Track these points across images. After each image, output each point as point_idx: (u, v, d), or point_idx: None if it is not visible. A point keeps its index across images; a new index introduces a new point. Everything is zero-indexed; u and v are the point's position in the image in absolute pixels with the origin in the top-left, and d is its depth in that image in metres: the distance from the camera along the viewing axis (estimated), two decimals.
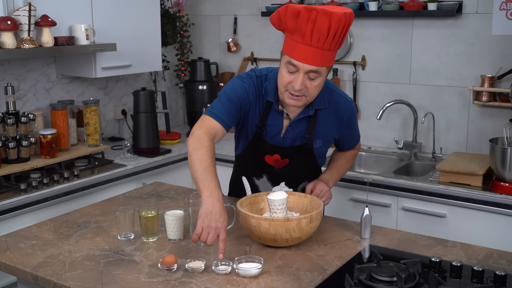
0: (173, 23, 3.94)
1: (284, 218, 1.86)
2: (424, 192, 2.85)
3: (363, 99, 3.65)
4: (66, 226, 2.18)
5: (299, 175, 2.28)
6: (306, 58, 1.92)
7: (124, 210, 2.03)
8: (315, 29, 1.88)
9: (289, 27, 1.95)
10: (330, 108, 2.16)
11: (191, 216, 2.00)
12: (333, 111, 2.18)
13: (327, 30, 1.88)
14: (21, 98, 3.26)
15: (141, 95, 3.42)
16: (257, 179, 2.29)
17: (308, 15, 1.88)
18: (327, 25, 1.87)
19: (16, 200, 2.61)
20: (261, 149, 2.21)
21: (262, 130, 2.17)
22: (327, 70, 2.00)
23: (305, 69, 1.94)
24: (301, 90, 1.98)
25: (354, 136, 2.35)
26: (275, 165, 2.24)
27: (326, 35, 1.89)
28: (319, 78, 1.97)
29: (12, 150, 2.87)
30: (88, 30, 3.07)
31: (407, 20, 3.41)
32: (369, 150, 3.58)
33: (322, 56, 1.93)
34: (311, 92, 2.00)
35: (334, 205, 2.96)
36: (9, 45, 2.70)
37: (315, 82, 1.98)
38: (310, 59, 1.92)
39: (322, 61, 1.94)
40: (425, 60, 3.40)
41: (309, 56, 1.92)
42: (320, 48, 1.91)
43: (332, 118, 2.18)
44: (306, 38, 1.91)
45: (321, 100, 2.13)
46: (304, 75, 1.95)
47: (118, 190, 2.99)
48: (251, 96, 2.13)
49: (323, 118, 2.17)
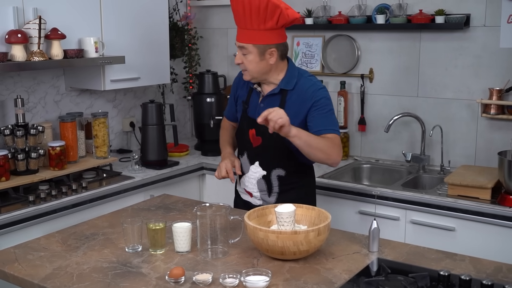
0: (182, 36, 3.97)
1: (291, 231, 1.85)
2: (433, 205, 2.83)
3: (370, 112, 3.65)
4: (74, 238, 2.19)
5: (272, 158, 2.45)
6: (237, 37, 2.39)
7: (132, 222, 2.04)
8: (235, 12, 2.37)
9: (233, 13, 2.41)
10: (298, 91, 2.41)
11: (199, 229, 2.00)
12: (301, 93, 2.40)
13: (242, 12, 2.32)
14: (30, 110, 3.28)
15: (149, 108, 3.44)
16: (241, 156, 2.56)
17: (232, 2, 2.37)
18: (242, 8, 2.31)
19: (24, 211, 2.62)
20: (245, 124, 2.53)
21: (246, 108, 2.54)
22: (255, 48, 2.35)
23: (237, 46, 2.40)
24: (241, 65, 2.42)
25: (325, 122, 2.36)
26: (253, 141, 2.49)
27: (243, 16, 2.32)
28: (249, 54, 2.36)
29: (21, 162, 2.89)
30: (97, 43, 3.09)
31: (414, 33, 3.42)
32: (377, 163, 3.57)
33: (247, 34, 2.35)
34: (247, 66, 2.39)
35: (342, 218, 2.95)
36: (19, 58, 2.73)
37: (248, 58, 2.37)
38: (239, 38, 2.38)
39: (246, 39, 2.35)
40: (432, 73, 3.40)
41: (239, 36, 2.39)
42: (244, 28, 2.35)
43: (300, 100, 2.40)
44: (235, 21, 2.40)
45: (288, 83, 2.42)
46: (239, 52, 2.40)
47: (126, 202, 3.00)
48: (238, 83, 2.63)
49: (291, 100, 2.41)
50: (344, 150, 3.64)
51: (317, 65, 3.79)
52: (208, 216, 2.00)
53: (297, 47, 3.86)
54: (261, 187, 2.49)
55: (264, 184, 2.48)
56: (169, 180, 3.36)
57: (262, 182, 2.48)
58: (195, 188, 3.60)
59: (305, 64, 3.83)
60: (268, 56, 2.37)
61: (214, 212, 2.02)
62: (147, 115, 3.44)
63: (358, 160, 3.63)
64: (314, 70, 3.80)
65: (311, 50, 3.81)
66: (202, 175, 3.61)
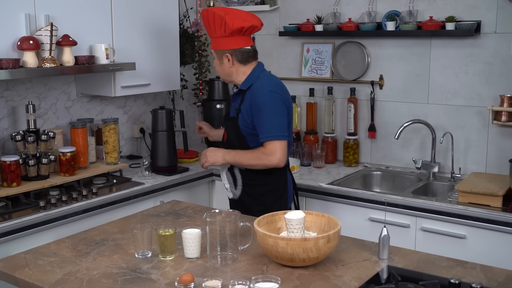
0: (192, 43, 3.98)
1: (301, 237, 1.85)
2: (443, 212, 2.82)
3: (380, 119, 3.64)
4: (84, 244, 2.20)
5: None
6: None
7: (142, 228, 2.04)
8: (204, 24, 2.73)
9: None
10: (251, 91, 2.68)
11: (208, 235, 2.01)
12: (252, 94, 2.67)
13: (207, 23, 2.69)
14: (41, 116, 3.30)
15: (159, 114, 3.45)
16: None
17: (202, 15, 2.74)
18: (206, 19, 2.68)
19: (35, 217, 2.64)
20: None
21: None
22: (216, 54, 2.73)
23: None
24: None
25: (262, 126, 2.61)
26: (224, 136, 2.85)
27: (208, 26, 2.70)
28: (215, 59, 2.76)
29: (32, 167, 2.90)
30: (108, 49, 3.11)
31: (425, 40, 3.41)
32: (387, 170, 3.56)
33: (212, 42, 2.74)
34: (216, 68, 2.79)
35: (352, 225, 2.94)
36: (31, 64, 2.75)
37: (215, 61, 2.77)
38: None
39: (211, 46, 2.76)
40: (443, 79, 3.39)
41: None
42: (211, 37, 2.73)
43: (251, 100, 2.65)
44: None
45: (245, 84, 2.71)
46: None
47: (135, 208, 3.01)
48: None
49: (247, 99, 2.68)
50: (354, 157, 3.63)
51: (327, 72, 3.80)
52: (218, 222, 2.00)
53: (307, 54, 3.86)
54: (229, 180, 2.80)
55: (230, 176, 2.79)
56: (178, 186, 3.37)
57: (229, 175, 2.80)
58: (205, 194, 3.60)
59: (314, 70, 3.83)
60: (226, 60, 2.71)
61: (224, 219, 2.02)
62: (157, 121, 3.46)
63: (368, 167, 3.62)
64: (324, 76, 3.80)
65: (321, 56, 3.82)
66: (212, 182, 3.61)
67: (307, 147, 3.69)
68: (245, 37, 2.71)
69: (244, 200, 2.78)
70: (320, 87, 3.85)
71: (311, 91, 3.80)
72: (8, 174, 2.79)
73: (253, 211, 2.63)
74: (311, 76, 3.87)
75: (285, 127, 2.64)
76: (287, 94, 2.73)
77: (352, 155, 3.64)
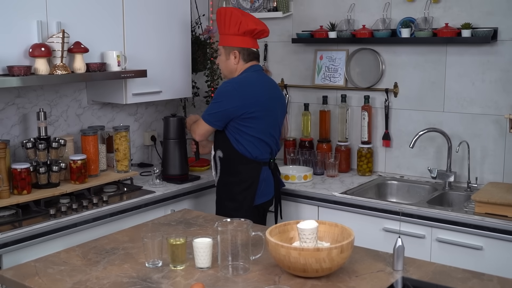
0: (204, 50, 4.00)
1: (314, 247, 1.85)
2: (459, 223, 2.80)
3: (395, 127, 3.63)
4: (94, 252, 2.20)
5: (216, 140, 3.08)
6: None
7: (152, 237, 2.05)
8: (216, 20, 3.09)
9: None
10: None
11: (220, 244, 2.01)
12: None
13: (218, 20, 3.03)
14: (52, 124, 3.33)
15: (170, 122, 3.46)
16: None
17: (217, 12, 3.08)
18: (218, 17, 3.04)
19: (45, 225, 2.65)
20: None
21: None
22: (223, 50, 3.06)
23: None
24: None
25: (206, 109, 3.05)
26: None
27: (219, 23, 3.04)
28: (220, 55, 3.09)
29: (42, 175, 2.92)
30: (120, 56, 3.14)
31: (440, 47, 3.40)
32: (402, 179, 3.55)
33: (220, 39, 3.07)
34: (219, 64, 3.14)
35: (366, 235, 2.93)
36: (42, 71, 2.77)
37: (219, 58, 3.11)
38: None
39: (219, 42, 3.08)
40: (459, 87, 3.38)
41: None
42: (219, 33, 3.08)
43: None
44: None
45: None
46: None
47: (146, 216, 3.01)
48: None
49: None
50: (368, 166, 3.62)
51: (340, 79, 3.79)
52: (229, 231, 2.00)
53: (320, 61, 3.86)
54: (214, 166, 3.10)
55: (213, 163, 3.09)
56: (190, 195, 3.38)
57: (213, 162, 3.10)
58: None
59: (328, 78, 3.83)
60: (233, 57, 3.03)
61: (235, 228, 2.02)
62: (168, 129, 3.47)
63: (383, 176, 3.61)
64: (337, 84, 3.80)
65: (334, 64, 3.82)
66: None
67: (320, 156, 3.68)
68: (253, 39, 3.09)
69: (219, 187, 3.08)
70: (333, 95, 3.85)
71: (324, 99, 3.80)
72: (19, 182, 2.81)
73: (221, 198, 3.06)
74: (324, 84, 3.87)
75: (217, 116, 2.96)
76: (248, 93, 2.96)
77: (366, 164, 3.63)
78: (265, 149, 3.03)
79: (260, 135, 2.99)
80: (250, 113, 2.93)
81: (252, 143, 2.97)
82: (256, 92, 2.98)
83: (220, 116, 2.95)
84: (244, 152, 2.97)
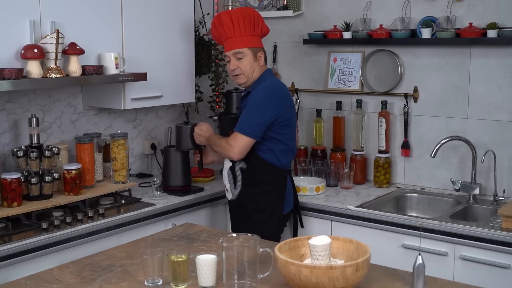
0: (208, 51, 4.01)
1: (327, 265, 1.84)
2: (485, 239, 2.79)
3: (415, 135, 3.63)
4: (89, 270, 2.21)
5: None
6: (228, 47, 3.06)
7: (152, 253, 2.05)
8: (224, 25, 3.03)
9: (217, 35, 3.13)
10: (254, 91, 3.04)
11: (225, 261, 2.01)
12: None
13: (230, 21, 3.01)
14: (45, 131, 3.35)
15: (183, 130, 3.39)
16: None
17: (218, 19, 3.07)
18: (229, 18, 3.01)
19: (37, 240, 2.66)
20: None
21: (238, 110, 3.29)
22: (250, 51, 3.05)
23: (231, 54, 3.05)
24: (236, 70, 3.07)
25: (241, 119, 3.00)
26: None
27: (232, 26, 3.01)
28: (245, 57, 3.04)
29: (34, 186, 2.94)
30: (118, 58, 3.15)
31: (464, 49, 3.40)
32: (422, 191, 3.54)
33: (238, 41, 3.03)
34: (244, 68, 3.05)
35: (383, 252, 2.92)
36: (35, 74, 2.79)
37: (244, 61, 3.04)
38: (230, 46, 3.05)
39: (242, 44, 3.03)
40: (484, 92, 3.38)
41: (229, 45, 3.05)
42: (234, 36, 3.03)
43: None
44: (223, 34, 3.06)
45: (255, 85, 3.07)
46: (234, 59, 3.06)
47: (145, 231, 3.02)
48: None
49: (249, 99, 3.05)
50: (386, 177, 3.62)
51: (355, 83, 3.80)
52: (235, 247, 2.00)
53: (334, 64, 3.87)
54: (230, 179, 3.09)
55: (231, 175, 3.08)
56: (192, 208, 3.38)
57: (230, 174, 3.08)
58: (221, 216, 3.61)
59: (342, 82, 3.84)
60: (259, 58, 3.08)
61: (242, 244, 2.02)
62: (181, 138, 3.40)
63: (401, 188, 3.61)
64: (352, 88, 3.81)
65: (349, 66, 3.83)
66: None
67: (333, 166, 3.68)
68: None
69: (242, 199, 3.08)
70: (348, 100, 3.86)
71: (338, 104, 3.81)
72: (9, 193, 2.82)
73: (248, 210, 3.06)
74: (338, 88, 3.88)
75: (259, 127, 2.95)
76: (285, 98, 3.05)
77: (383, 175, 3.63)
78: (291, 157, 3.15)
79: (290, 143, 3.10)
80: (286, 120, 3.03)
81: (284, 151, 3.06)
82: (289, 98, 3.11)
83: (263, 127, 2.96)
84: (272, 161, 3.04)
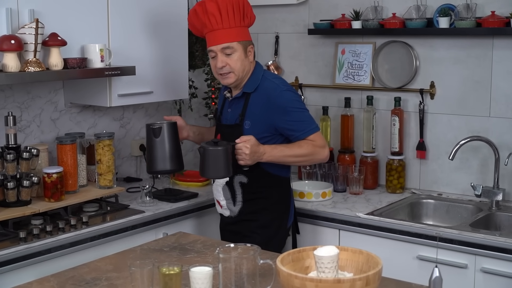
0: (203, 43, 4.01)
1: (334, 278, 1.85)
2: (509, 250, 2.79)
3: (432, 135, 3.64)
4: (72, 283, 2.21)
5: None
6: (214, 41, 2.86)
7: (141, 265, 2.05)
8: (209, 14, 2.81)
9: (198, 26, 2.92)
10: (262, 93, 2.91)
11: (222, 274, 2.01)
12: (264, 96, 2.90)
13: (217, 10, 2.80)
14: (23, 130, 3.35)
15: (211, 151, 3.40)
16: None
17: (201, 7, 2.84)
18: (216, 7, 2.80)
19: (14, 250, 2.66)
20: (216, 130, 3.07)
21: (217, 114, 3.14)
22: (240, 45, 2.87)
23: (218, 49, 2.85)
24: (224, 68, 2.87)
25: (298, 124, 2.87)
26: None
27: (220, 16, 2.81)
28: (235, 52, 2.86)
29: (11, 191, 2.94)
30: (103, 50, 3.16)
31: (485, 40, 3.41)
32: (440, 197, 3.55)
33: (227, 34, 2.84)
34: (233, 66, 2.87)
35: (396, 264, 2.93)
36: (12, 68, 2.79)
37: (234, 57, 2.86)
38: (217, 40, 2.85)
39: (230, 38, 2.85)
40: (508, 88, 3.38)
41: (216, 38, 2.85)
42: (222, 28, 2.83)
43: (263, 103, 2.89)
44: (208, 26, 2.85)
45: (250, 85, 2.93)
46: (221, 55, 2.86)
47: (134, 241, 3.02)
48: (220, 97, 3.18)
49: (254, 102, 2.91)
50: (399, 181, 3.62)
51: (366, 78, 3.81)
52: (233, 259, 2.00)
53: (342, 56, 3.88)
54: (226, 195, 3.00)
55: (228, 191, 2.99)
56: (186, 215, 3.39)
57: (226, 189, 2.99)
58: (217, 225, 3.60)
59: (351, 76, 3.85)
60: (249, 53, 2.94)
61: (240, 255, 2.02)
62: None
63: (417, 194, 3.61)
64: (362, 83, 3.81)
65: (358, 59, 3.83)
66: None
67: (341, 169, 3.69)
68: None
69: (243, 216, 3.01)
70: (357, 97, 3.86)
71: (347, 101, 3.82)
72: None
73: (252, 227, 2.98)
74: (346, 83, 3.89)
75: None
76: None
77: (396, 179, 3.63)
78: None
79: None
80: None
81: None
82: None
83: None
84: (277, 172, 2.99)
